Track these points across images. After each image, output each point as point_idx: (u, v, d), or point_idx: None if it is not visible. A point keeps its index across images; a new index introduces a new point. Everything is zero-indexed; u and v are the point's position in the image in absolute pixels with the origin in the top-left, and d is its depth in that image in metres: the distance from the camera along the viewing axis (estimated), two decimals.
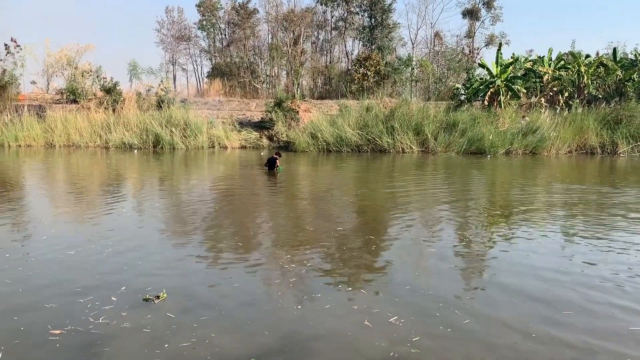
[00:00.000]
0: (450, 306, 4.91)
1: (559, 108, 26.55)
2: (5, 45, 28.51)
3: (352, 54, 41.00)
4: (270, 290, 5.38)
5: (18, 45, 28.98)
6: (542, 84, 28.58)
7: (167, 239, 7.60)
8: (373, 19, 37.94)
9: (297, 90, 35.03)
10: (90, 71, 30.99)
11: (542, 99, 27.59)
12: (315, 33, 41.57)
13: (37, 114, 26.69)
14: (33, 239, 7.40)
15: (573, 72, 27.95)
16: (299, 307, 4.88)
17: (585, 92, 27.52)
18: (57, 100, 29.62)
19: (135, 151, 23.41)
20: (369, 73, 33.24)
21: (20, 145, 24.72)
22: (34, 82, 33.03)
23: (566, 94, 27.50)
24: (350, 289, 5.43)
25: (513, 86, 26.61)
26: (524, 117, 25.53)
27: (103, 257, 6.34)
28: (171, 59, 45.30)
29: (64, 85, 30.57)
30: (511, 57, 29.74)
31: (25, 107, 27.09)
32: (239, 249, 6.92)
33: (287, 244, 7.19)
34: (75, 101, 28.49)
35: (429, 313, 4.76)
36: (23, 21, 66.78)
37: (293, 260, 6.36)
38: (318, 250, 6.86)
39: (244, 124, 27.10)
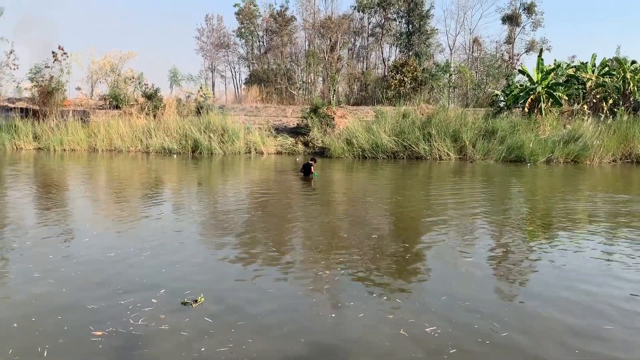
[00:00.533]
0: (488, 318, 4.81)
1: (602, 116, 25.76)
2: (53, 52, 29.64)
3: (388, 60, 40.90)
4: (304, 297, 5.39)
5: (65, 53, 30.09)
6: (585, 91, 27.80)
7: (204, 243, 7.72)
8: (410, 25, 37.76)
9: (333, 97, 35.13)
10: (133, 78, 31.96)
11: (585, 106, 26.84)
12: (352, 39, 41.68)
13: (81, 119, 27.62)
14: (75, 240, 7.63)
15: (618, 78, 27.09)
16: (333, 315, 4.87)
17: (631, 99, 26.63)
18: (101, 105, 30.59)
19: (175, 156, 23.91)
20: (405, 79, 33.05)
21: (65, 150, 25.60)
22: (78, 88, 34.29)
23: (610, 101, 26.69)
24: (384, 297, 5.39)
25: (554, 93, 25.99)
26: (565, 125, 24.88)
27: (142, 260, 6.49)
28: (210, 66, 46.25)
29: (107, 91, 31.59)
30: (553, 64, 29.07)
31: (70, 112, 28.07)
32: (273, 255, 6.97)
33: (321, 251, 7.20)
34: (117, 107, 29.36)
35: (466, 324, 4.67)
36: (68, 28, 69.41)
37: (327, 266, 6.36)
38: (352, 257, 6.84)
39: (280, 130, 27.34)
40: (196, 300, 5.02)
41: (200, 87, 33.86)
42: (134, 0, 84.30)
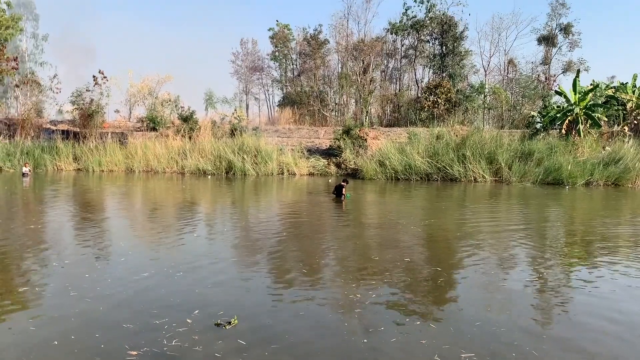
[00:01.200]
0: (526, 345, 4.67)
1: None
2: (94, 77, 30.71)
3: (422, 81, 40.79)
4: (337, 321, 5.34)
5: (105, 77, 31.11)
6: (625, 112, 27.10)
7: (238, 265, 7.76)
8: (444, 47, 37.67)
9: (366, 118, 35.22)
10: (169, 100, 32.75)
11: (626, 128, 26.15)
12: (385, 61, 41.79)
13: (119, 140, 28.42)
14: (111, 260, 7.77)
15: None
16: (366, 340, 4.80)
17: None
18: (138, 128, 31.43)
19: (209, 177, 24.27)
20: (439, 100, 32.88)
21: (103, 170, 26.31)
22: (117, 111, 35.42)
23: None
24: (417, 322, 5.29)
25: (593, 114, 25.40)
26: (604, 147, 24.23)
27: (176, 280, 6.56)
28: (245, 89, 47.09)
29: (145, 113, 32.45)
30: (591, 84, 28.49)
31: (109, 134, 28.92)
32: (306, 278, 6.95)
33: (353, 274, 7.14)
34: (154, 129, 30.08)
35: (503, 351, 4.54)
36: (106, 51, 71.98)
37: (358, 290, 6.30)
38: (384, 280, 6.76)
39: (312, 151, 27.49)
40: (230, 322, 5.04)
41: (235, 110, 34.49)
42: (172, 25, 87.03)
